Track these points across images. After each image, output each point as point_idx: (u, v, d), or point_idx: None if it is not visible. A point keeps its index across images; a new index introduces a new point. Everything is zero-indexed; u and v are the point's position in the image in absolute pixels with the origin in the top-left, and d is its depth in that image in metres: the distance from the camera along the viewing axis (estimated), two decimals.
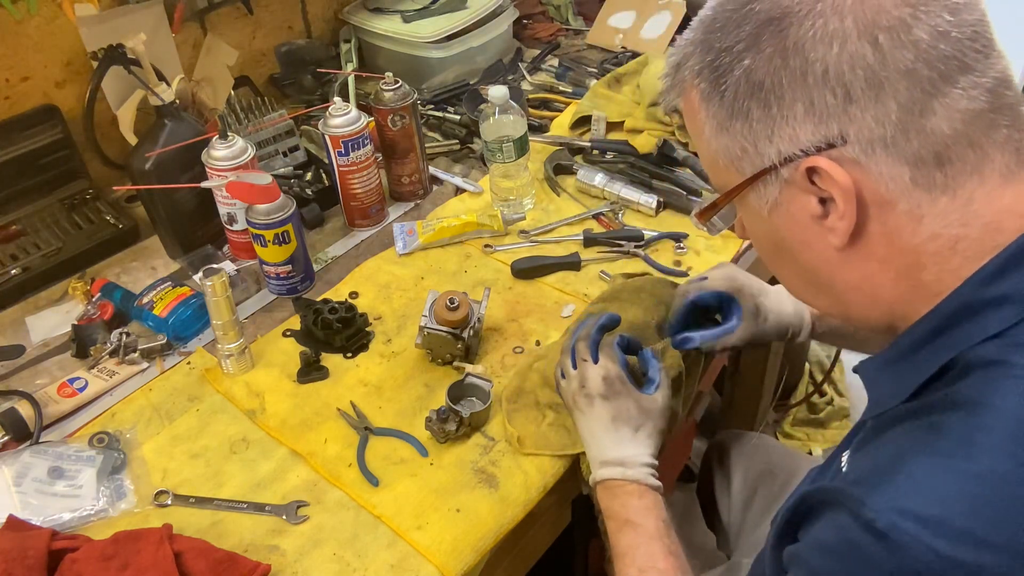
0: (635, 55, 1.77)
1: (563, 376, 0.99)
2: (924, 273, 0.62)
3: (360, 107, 1.36)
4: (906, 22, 0.57)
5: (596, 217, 1.37)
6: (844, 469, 0.66)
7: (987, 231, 0.60)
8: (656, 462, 0.93)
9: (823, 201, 0.62)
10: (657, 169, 1.42)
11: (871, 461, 0.61)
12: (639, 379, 0.97)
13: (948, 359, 0.60)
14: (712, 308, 1.05)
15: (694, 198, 1.36)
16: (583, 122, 1.58)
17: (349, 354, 1.15)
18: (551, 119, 1.63)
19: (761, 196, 0.66)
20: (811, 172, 0.61)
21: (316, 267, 1.31)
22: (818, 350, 2.15)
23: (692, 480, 1.50)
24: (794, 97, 0.60)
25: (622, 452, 0.91)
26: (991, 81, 0.59)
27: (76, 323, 1.20)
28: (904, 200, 0.60)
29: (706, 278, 1.04)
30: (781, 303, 1.02)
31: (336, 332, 1.14)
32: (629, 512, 0.88)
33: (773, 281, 1.02)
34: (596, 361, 0.95)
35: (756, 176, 0.64)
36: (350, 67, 1.69)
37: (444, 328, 1.08)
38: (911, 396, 0.62)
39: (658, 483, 0.91)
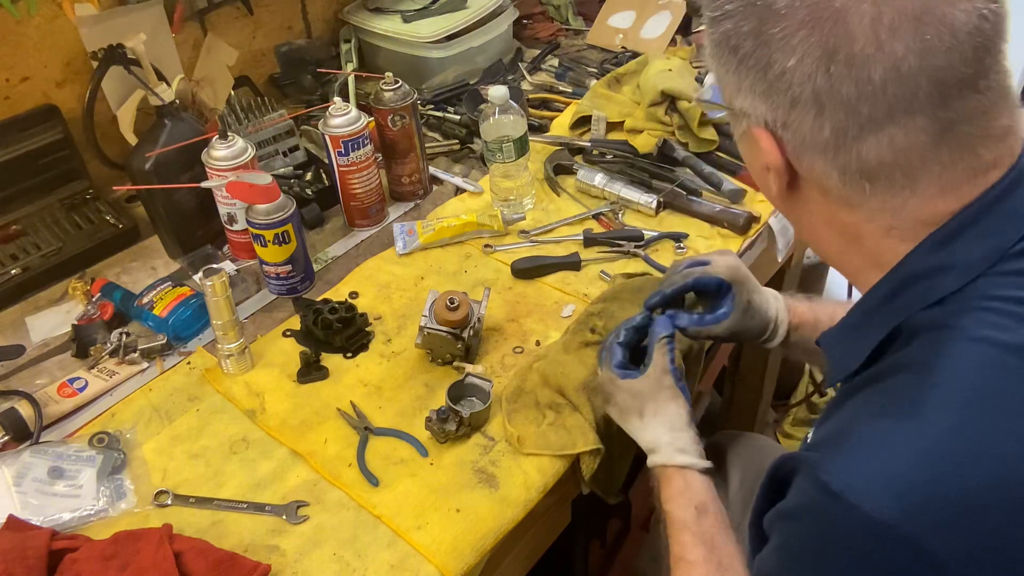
0: (635, 55, 1.77)
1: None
2: (864, 242, 0.66)
3: (360, 107, 1.36)
4: (863, 58, 0.58)
5: (596, 217, 1.37)
6: (808, 439, 0.70)
7: (919, 225, 0.63)
8: (682, 433, 0.92)
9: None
10: (657, 169, 1.42)
11: (829, 428, 0.65)
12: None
13: (896, 324, 0.63)
14: (705, 294, 1.02)
15: (694, 198, 1.36)
16: (583, 122, 1.58)
17: (349, 354, 1.15)
18: (551, 119, 1.63)
19: (735, 125, 0.71)
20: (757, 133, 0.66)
21: (316, 267, 1.31)
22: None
23: None
24: (755, 78, 0.64)
25: (643, 441, 0.94)
26: (942, 123, 0.59)
27: (76, 323, 1.20)
28: (835, 190, 0.65)
29: (708, 262, 1.02)
30: (767, 304, 1.02)
31: (336, 332, 1.14)
32: (661, 502, 0.90)
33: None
34: (615, 358, 0.97)
35: (729, 110, 0.69)
36: (350, 67, 1.69)
37: (444, 328, 1.08)
38: (867, 364, 0.65)
39: (687, 459, 0.90)
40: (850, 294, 1.96)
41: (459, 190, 1.48)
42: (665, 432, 0.92)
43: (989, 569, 0.53)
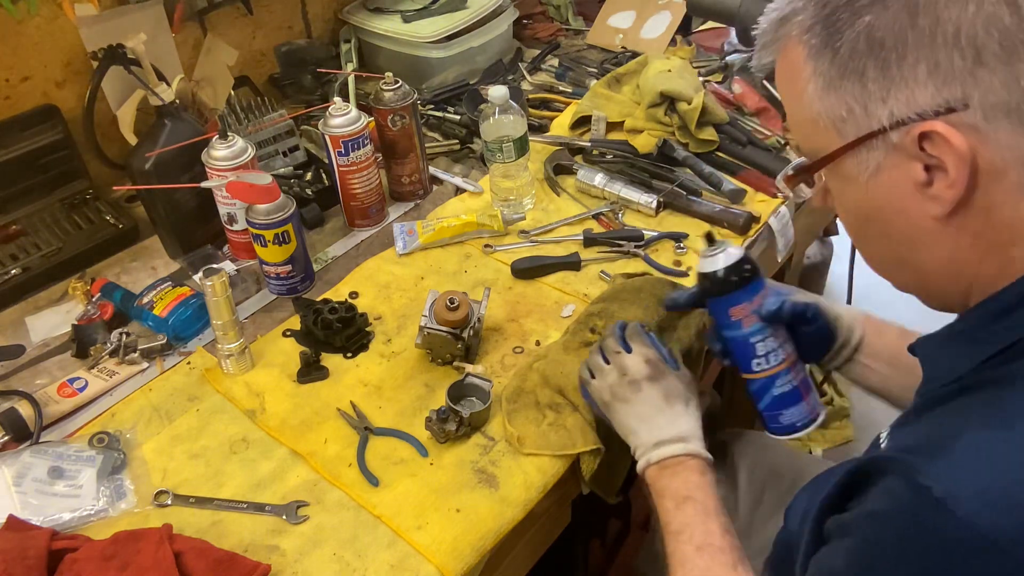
0: (635, 55, 1.76)
1: (592, 376, 0.99)
2: (1014, 249, 0.61)
3: (360, 107, 1.36)
4: None
5: (596, 217, 1.37)
6: (883, 445, 0.65)
7: None
8: (702, 431, 0.93)
9: (928, 168, 0.60)
10: (657, 169, 1.42)
11: (923, 434, 0.60)
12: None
13: (1017, 338, 0.59)
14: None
15: (694, 198, 1.36)
16: (583, 122, 1.58)
17: (349, 354, 1.15)
18: (551, 119, 1.63)
19: (861, 161, 0.63)
20: (923, 138, 0.59)
21: (316, 267, 1.31)
22: None
23: None
24: (918, 57, 0.57)
25: (679, 428, 0.92)
26: None
27: (76, 323, 1.20)
28: (1015, 171, 0.58)
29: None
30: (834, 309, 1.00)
31: (336, 332, 1.14)
32: (690, 488, 0.87)
33: None
34: (629, 351, 0.96)
35: (860, 140, 0.62)
36: (350, 67, 1.69)
37: (444, 328, 1.08)
38: (967, 372, 0.61)
39: (711, 457, 0.91)
40: (849, 300, 1.95)
41: (459, 190, 1.48)
42: (699, 427, 0.93)
43: None
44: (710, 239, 0.92)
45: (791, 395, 0.93)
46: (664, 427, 0.92)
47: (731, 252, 0.90)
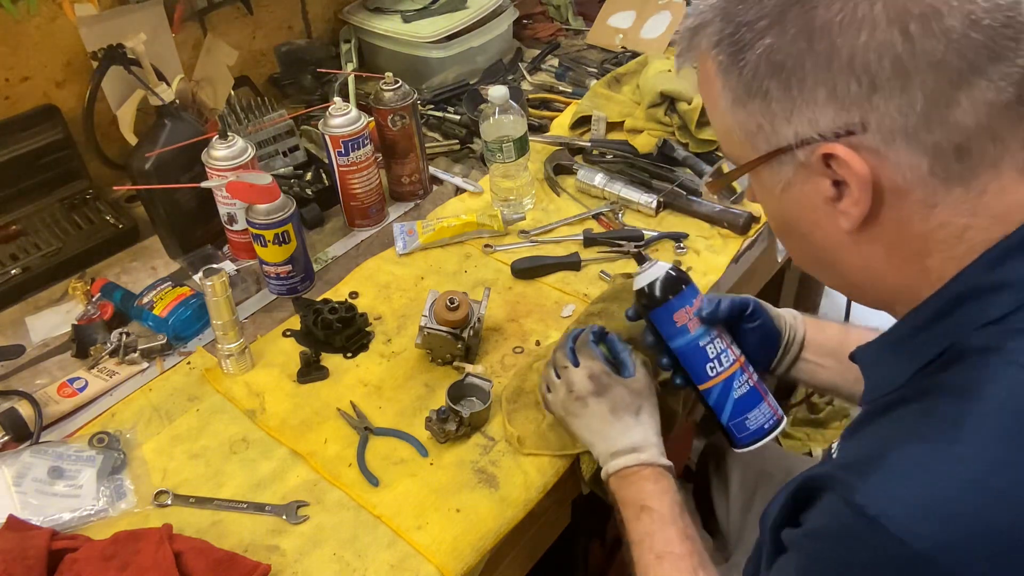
0: (635, 55, 1.77)
1: (549, 390, 1.00)
2: (929, 259, 0.62)
3: (360, 107, 1.36)
4: (939, 10, 0.55)
5: (596, 217, 1.37)
6: (834, 455, 0.66)
7: (995, 222, 0.59)
8: (661, 439, 0.94)
9: (837, 184, 0.61)
10: (657, 169, 1.42)
11: (862, 447, 0.61)
12: (617, 368, 0.99)
13: (947, 345, 0.60)
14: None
15: (694, 198, 1.36)
16: (583, 122, 1.58)
17: (349, 354, 1.15)
18: (551, 119, 1.63)
19: (775, 173, 0.64)
20: (828, 157, 0.60)
21: (316, 267, 1.31)
22: None
23: (691, 480, 1.50)
24: (816, 81, 0.58)
25: (631, 438, 0.92)
26: (1020, 71, 0.56)
27: (76, 323, 1.20)
28: (919, 189, 0.59)
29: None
30: (780, 316, 1.01)
31: (336, 332, 1.14)
32: (645, 497, 0.88)
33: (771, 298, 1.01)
34: (577, 365, 0.97)
35: (770, 155, 0.63)
36: (350, 67, 1.69)
37: (444, 328, 1.08)
38: (905, 381, 0.62)
39: (669, 463, 0.91)
40: (848, 313, 1.95)
41: (459, 190, 1.48)
42: (654, 433, 0.94)
43: None
44: (640, 259, 0.95)
45: (751, 395, 0.93)
46: (616, 438, 0.93)
47: (660, 265, 0.93)
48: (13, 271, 1.28)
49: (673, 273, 0.93)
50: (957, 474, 0.53)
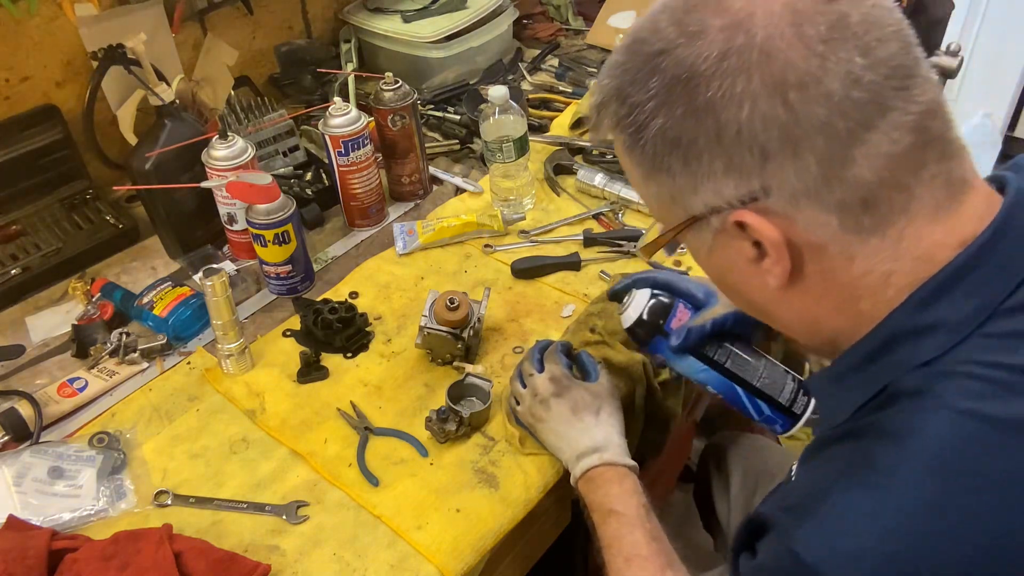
0: None
1: (518, 403, 1.01)
2: (861, 303, 0.62)
3: (360, 107, 1.36)
4: (815, 75, 0.55)
5: (596, 217, 1.37)
6: (792, 479, 0.69)
7: (918, 264, 0.60)
8: (625, 441, 0.95)
9: (757, 244, 0.62)
10: None
11: (807, 483, 0.63)
12: (585, 379, 1.00)
13: (883, 385, 0.61)
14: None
15: None
16: (583, 122, 1.58)
17: (349, 354, 1.15)
18: (551, 119, 1.63)
19: (697, 238, 0.66)
20: (739, 223, 0.61)
21: (316, 267, 1.31)
22: None
23: (692, 480, 1.50)
24: (712, 155, 0.58)
25: (593, 438, 0.93)
26: (914, 117, 0.57)
27: (76, 323, 1.20)
28: (834, 244, 0.60)
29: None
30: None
31: (336, 332, 1.14)
32: (611, 501, 0.88)
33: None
34: (542, 371, 0.99)
35: (687, 222, 0.64)
36: (350, 67, 1.69)
37: (444, 328, 1.08)
38: (849, 417, 0.63)
39: (633, 463, 0.92)
40: None
41: (459, 190, 1.48)
42: (616, 434, 0.94)
43: None
44: (616, 296, 1.00)
45: (772, 375, 0.93)
46: (578, 439, 0.94)
47: (640, 297, 0.96)
48: (13, 271, 1.28)
49: (655, 301, 0.95)
50: (888, 524, 0.54)
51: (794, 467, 0.71)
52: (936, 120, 0.58)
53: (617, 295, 1.01)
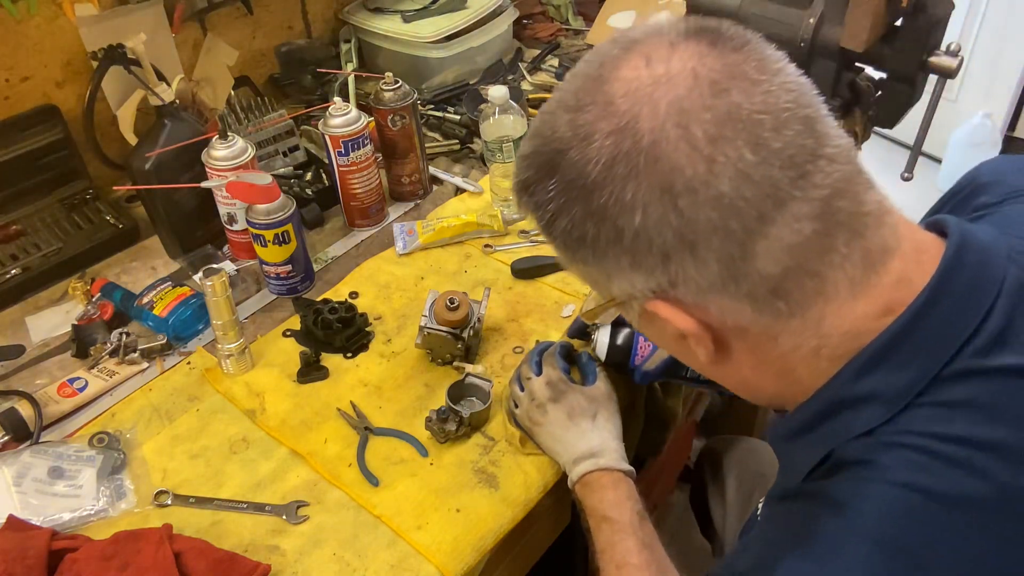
0: None
1: (516, 406, 1.01)
2: (796, 372, 0.62)
3: (360, 107, 1.36)
4: (703, 179, 0.53)
5: None
6: (758, 516, 0.71)
7: (847, 338, 0.59)
8: (622, 444, 0.95)
9: None
10: None
11: (759, 547, 0.64)
12: (584, 382, 1.01)
13: (828, 450, 0.60)
14: None
15: None
16: None
17: (349, 354, 1.15)
18: None
19: (627, 313, 0.66)
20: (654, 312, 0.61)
21: (316, 267, 1.31)
22: None
23: (691, 480, 1.50)
24: (617, 253, 0.58)
25: (589, 442, 0.93)
26: (817, 204, 0.55)
27: (76, 323, 1.20)
28: (754, 326, 0.59)
29: None
30: None
31: (336, 332, 1.14)
32: (605, 507, 0.89)
33: None
34: (539, 375, 1.00)
35: (611, 302, 0.65)
36: (350, 67, 1.69)
37: (444, 328, 1.08)
38: (803, 479, 0.63)
39: (630, 467, 0.93)
40: None
41: (459, 190, 1.48)
42: (613, 439, 0.95)
43: None
44: (582, 335, 1.05)
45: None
46: (575, 444, 0.94)
47: (603, 333, 1.02)
48: (13, 271, 1.28)
49: (613, 342, 1.01)
50: None
51: (759, 507, 0.71)
52: (844, 199, 0.56)
53: (581, 331, 1.05)
